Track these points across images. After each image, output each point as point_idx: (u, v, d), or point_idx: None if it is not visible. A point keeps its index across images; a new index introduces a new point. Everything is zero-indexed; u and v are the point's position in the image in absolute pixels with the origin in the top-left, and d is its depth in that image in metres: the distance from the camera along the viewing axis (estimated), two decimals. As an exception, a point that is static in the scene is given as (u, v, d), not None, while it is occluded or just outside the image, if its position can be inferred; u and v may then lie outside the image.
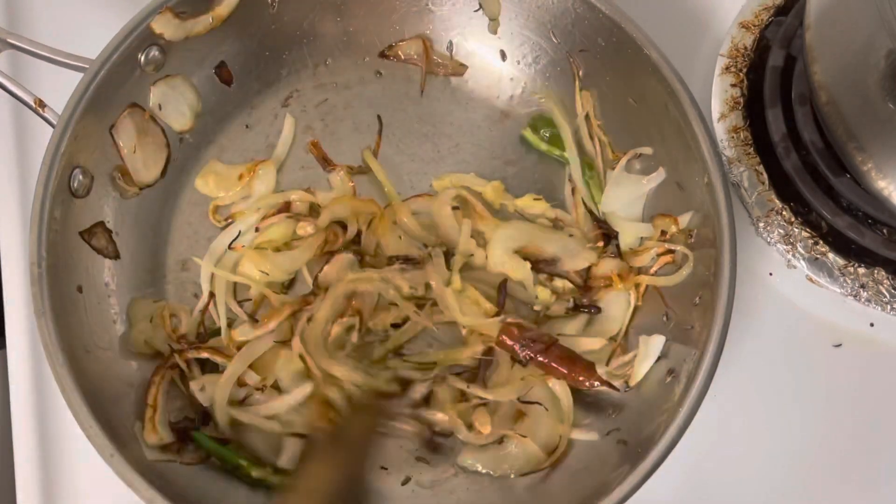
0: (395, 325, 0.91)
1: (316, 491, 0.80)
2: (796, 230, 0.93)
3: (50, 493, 0.91)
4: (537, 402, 0.88)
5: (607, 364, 0.89)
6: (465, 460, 0.88)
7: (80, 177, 0.86)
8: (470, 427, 0.87)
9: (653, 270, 0.90)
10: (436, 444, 0.89)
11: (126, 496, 0.76)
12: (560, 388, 0.88)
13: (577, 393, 0.88)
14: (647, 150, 0.92)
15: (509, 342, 0.87)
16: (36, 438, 0.91)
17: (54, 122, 0.83)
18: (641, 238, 0.92)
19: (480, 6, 0.95)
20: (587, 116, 0.95)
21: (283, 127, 0.97)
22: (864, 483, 0.92)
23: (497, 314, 0.89)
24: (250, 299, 0.92)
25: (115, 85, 0.86)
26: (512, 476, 0.87)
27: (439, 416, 0.88)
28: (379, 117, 0.98)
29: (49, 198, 0.81)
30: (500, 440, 0.88)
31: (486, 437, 0.87)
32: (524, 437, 0.86)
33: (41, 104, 0.85)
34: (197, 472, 0.85)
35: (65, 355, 0.79)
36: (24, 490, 0.91)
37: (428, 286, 0.90)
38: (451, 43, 0.99)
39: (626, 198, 0.93)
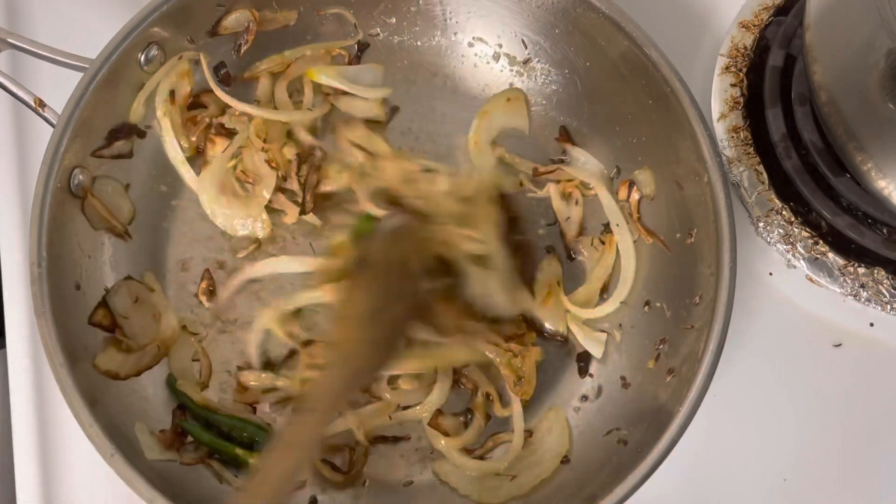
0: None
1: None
2: (796, 230, 0.93)
3: (50, 493, 0.90)
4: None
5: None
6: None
7: (80, 177, 0.86)
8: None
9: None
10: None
11: (126, 496, 0.76)
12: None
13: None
14: None
15: None
16: (36, 438, 0.91)
17: (54, 122, 0.83)
18: None
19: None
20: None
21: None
22: (863, 483, 0.92)
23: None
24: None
25: (115, 85, 0.86)
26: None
27: None
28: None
29: (49, 198, 0.81)
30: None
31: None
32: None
33: (41, 104, 0.85)
34: (197, 472, 0.85)
35: (65, 355, 0.79)
36: (24, 490, 0.91)
37: None
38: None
39: None
